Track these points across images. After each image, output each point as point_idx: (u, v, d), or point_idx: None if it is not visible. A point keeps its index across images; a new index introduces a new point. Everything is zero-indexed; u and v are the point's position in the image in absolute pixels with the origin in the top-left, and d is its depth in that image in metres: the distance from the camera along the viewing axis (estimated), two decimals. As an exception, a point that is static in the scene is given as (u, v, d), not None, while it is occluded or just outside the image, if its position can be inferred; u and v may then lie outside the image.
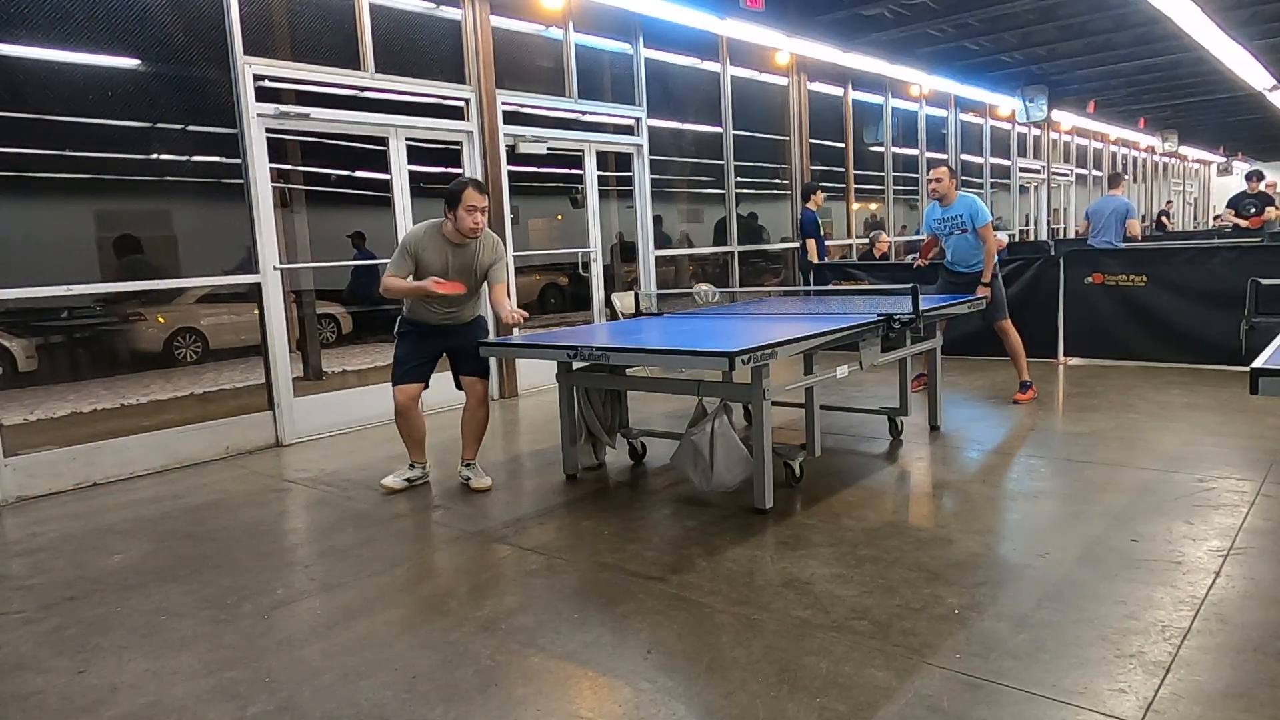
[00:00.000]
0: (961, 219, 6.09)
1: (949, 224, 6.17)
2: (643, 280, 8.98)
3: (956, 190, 6.16)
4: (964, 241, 6.13)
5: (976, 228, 6.03)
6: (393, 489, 4.67)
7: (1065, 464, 4.58)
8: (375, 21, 6.46)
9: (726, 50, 9.76)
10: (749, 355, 3.58)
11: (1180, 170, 30.32)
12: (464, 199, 4.33)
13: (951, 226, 6.15)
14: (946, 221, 6.18)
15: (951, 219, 6.14)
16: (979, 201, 6.18)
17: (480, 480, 4.70)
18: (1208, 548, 3.33)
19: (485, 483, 4.69)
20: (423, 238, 4.45)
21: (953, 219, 6.14)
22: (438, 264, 4.42)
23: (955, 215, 6.12)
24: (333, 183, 11.89)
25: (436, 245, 4.44)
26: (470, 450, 4.79)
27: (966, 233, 6.08)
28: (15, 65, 5.20)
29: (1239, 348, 5.85)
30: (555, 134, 7.85)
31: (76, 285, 5.38)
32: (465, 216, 4.37)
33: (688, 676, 2.54)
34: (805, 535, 3.67)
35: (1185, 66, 13.89)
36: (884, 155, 13.00)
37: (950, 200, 6.14)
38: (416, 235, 4.47)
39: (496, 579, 3.40)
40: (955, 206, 6.12)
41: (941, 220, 6.22)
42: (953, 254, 6.26)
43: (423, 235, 4.46)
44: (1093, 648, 2.58)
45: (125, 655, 2.88)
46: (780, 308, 5.74)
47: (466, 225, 4.37)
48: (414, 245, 4.43)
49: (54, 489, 4.99)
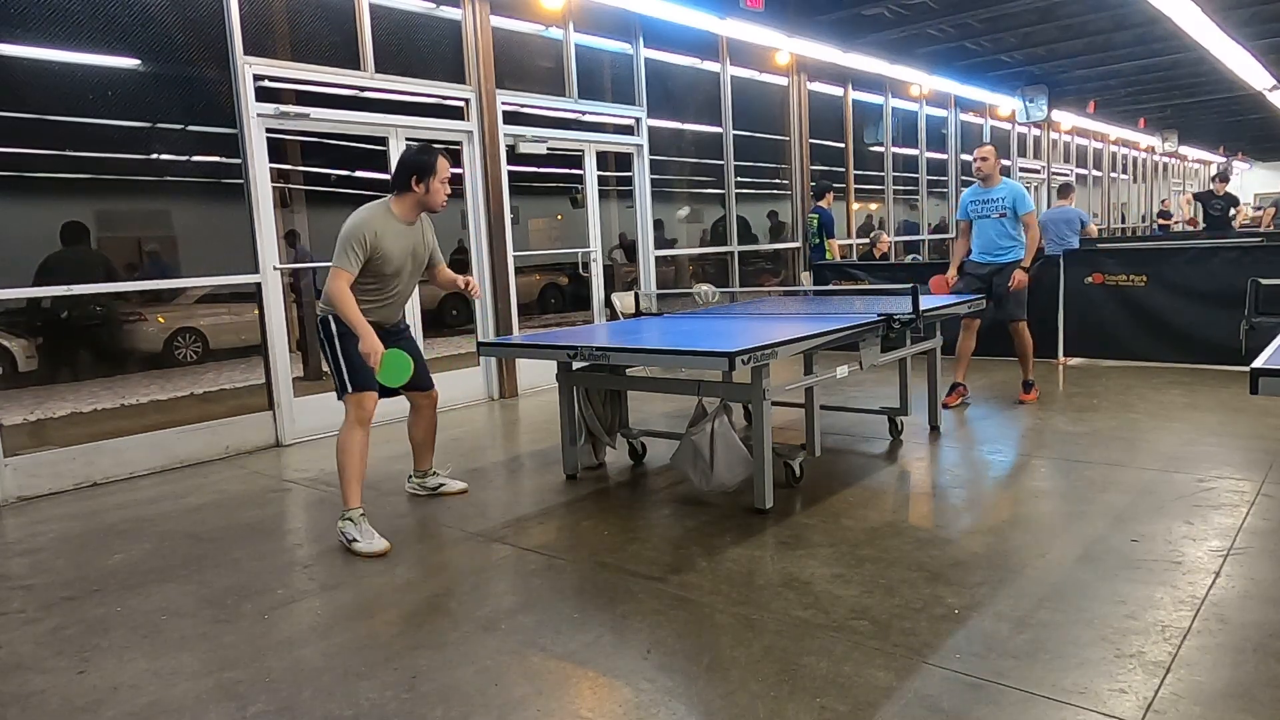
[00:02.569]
0: (1003, 202, 5.92)
1: (988, 206, 5.98)
2: (643, 280, 8.98)
3: (1000, 174, 6.04)
4: (997, 227, 5.95)
5: (1019, 214, 5.88)
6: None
7: (1065, 464, 4.58)
8: (375, 21, 6.46)
9: (726, 50, 9.76)
10: (749, 355, 3.58)
11: (1180, 170, 30.31)
12: (439, 169, 3.92)
13: (990, 209, 5.96)
14: (986, 204, 5.99)
15: (992, 201, 5.96)
16: (1024, 189, 6.04)
17: (456, 483, 4.63)
18: (1208, 548, 3.33)
19: (462, 484, 4.63)
20: (379, 222, 3.87)
21: (993, 201, 5.95)
22: (398, 251, 3.92)
23: (997, 198, 5.93)
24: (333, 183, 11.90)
25: (394, 229, 3.91)
26: (429, 459, 4.59)
27: (1004, 217, 5.91)
28: (15, 65, 5.20)
29: (1239, 348, 5.85)
30: (555, 134, 7.85)
31: (76, 285, 5.38)
32: (441, 189, 3.95)
33: (688, 676, 2.54)
34: (805, 535, 3.67)
35: (1185, 66, 13.89)
36: (884, 155, 13.00)
37: (994, 182, 5.99)
38: (371, 220, 3.85)
39: (496, 579, 3.40)
40: (999, 189, 5.96)
41: (981, 202, 6.02)
42: (981, 242, 6.07)
43: (378, 219, 3.88)
44: (1093, 648, 2.58)
45: (125, 655, 2.88)
46: (780, 308, 5.74)
47: (441, 199, 3.97)
48: (371, 233, 3.82)
49: (54, 489, 4.99)
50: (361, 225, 3.83)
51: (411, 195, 3.93)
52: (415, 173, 3.89)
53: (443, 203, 4.00)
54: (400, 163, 3.97)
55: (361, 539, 3.78)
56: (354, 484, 3.92)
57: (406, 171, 3.90)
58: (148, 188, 7.83)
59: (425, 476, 4.60)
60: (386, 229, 3.89)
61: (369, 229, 3.83)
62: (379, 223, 3.87)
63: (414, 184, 3.90)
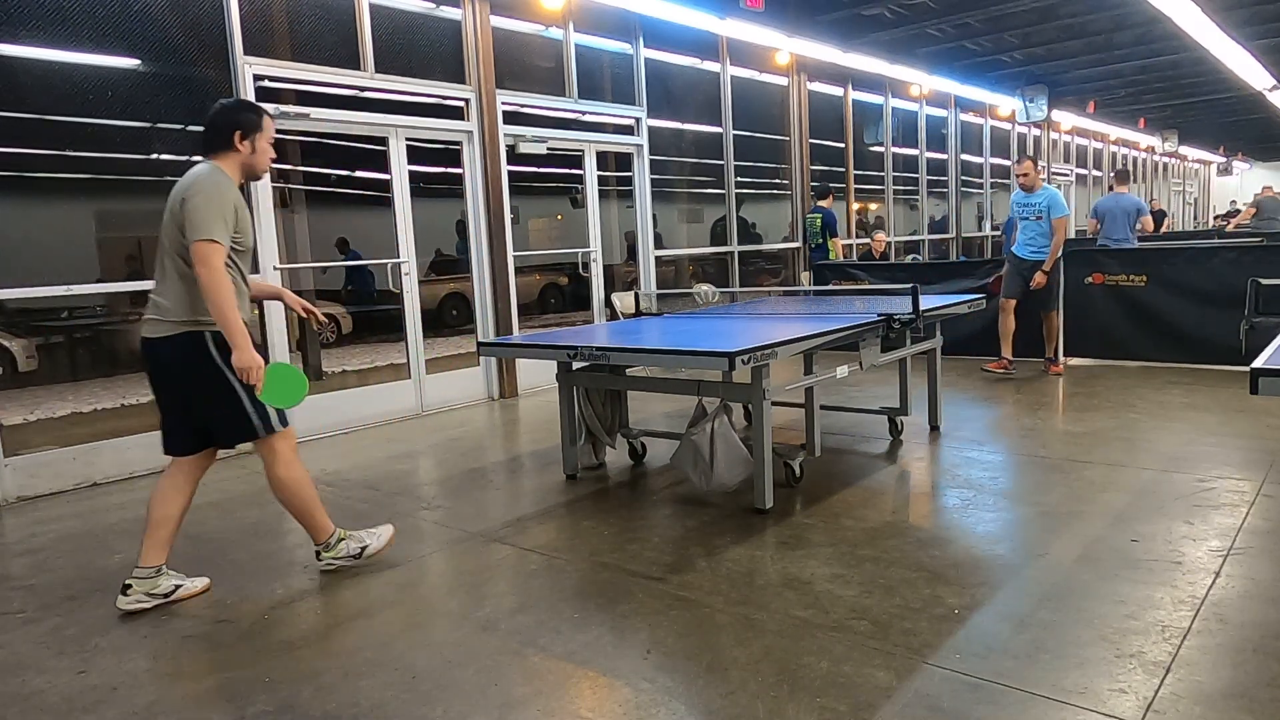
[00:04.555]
0: (1039, 206, 6.89)
1: (1027, 209, 6.97)
2: (643, 280, 8.98)
3: (1041, 181, 7.02)
4: (1035, 227, 6.92)
5: (1052, 218, 6.79)
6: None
7: (1065, 464, 4.58)
8: (375, 21, 6.46)
9: (726, 50, 9.77)
10: (749, 355, 3.58)
11: (1180, 170, 30.32)
12: (266, 128, 3.35)
13: (1029, 211, 6.96)
14: (1026, 206, 6.99)
15: (1030, 205, 6.95)
16: (1059, 196, 6.96)
17: (198, 580, 3.43)
18: (1208, 548, 3.33)
19: (205, 580, 3.45)
20: (232, 185, 3.20)
21: (1031, 205, 6.94)
22: (248, 224, 3.25)
23: (1035, 203, 6.92)
24: (332, 183, 11.90)
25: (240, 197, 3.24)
26: (168, 548, 3.34)
27: (1040, 219, 6.86)
28: (15, 65, 5.20)
29: (1239, 348, 5.86)
30: (555, 134, 7.85)
31: (76, 285, 5.38)
32: (268, 151, 3.37)
33: (688, 676, 2.54)
34: (805, 535, 3.67)
35: (1185, 66, 13.89)
36: (884, 155, 13.00)
37: (1035, 189, 6.96)
38: (225, 183, 3.16)
39: (496, 579, 3.40)
40: (1037, 195, 6.94)
41: (1022, 205, 7.05)
42: (1022, 240, 7.07)
43: (230, 182, 3.20)
44: (1093, 648, 2.58)
45: (125, 655, 2.88)
46: (780, 308, 5.74)
47: (266, 163, 3.38)
48: (235, 196, 3.17)
49: (54, 489, 4.99)
50: (222, 184, 3.13)
51: (235, 156, 3.26)
52: (240, 129, 3.25)
53: (267, 167, 3.40)
54: (220, 117, 3.27)
55: (369, 539, 3.54)
56: (320, 509, 3.44)
57: (230, 127, 3.24)
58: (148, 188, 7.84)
59: (156, 578, 3.28)
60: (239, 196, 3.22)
61: (231, 190, 3.15)
62: (232, 186, 3.19)
63: (238, 141, 3.25)
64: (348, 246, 10.44)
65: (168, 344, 3.15)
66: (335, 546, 3.50)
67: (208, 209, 3.03)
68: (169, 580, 3.30)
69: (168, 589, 3.29)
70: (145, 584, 3.25)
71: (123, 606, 3.22)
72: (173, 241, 3.12)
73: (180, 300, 3.13)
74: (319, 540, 3.48)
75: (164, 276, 3.17)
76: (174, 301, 3.13)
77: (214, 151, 3.25)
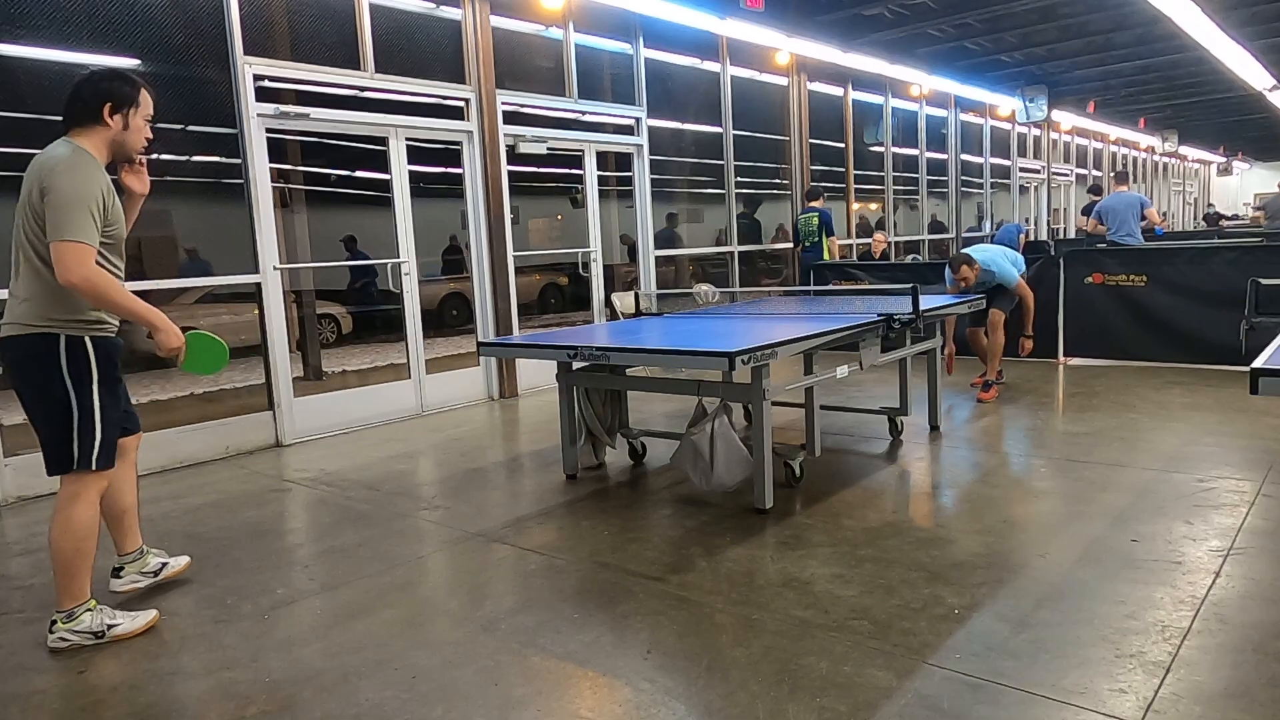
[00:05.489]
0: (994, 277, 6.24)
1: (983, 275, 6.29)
2: (643, 280, 8.99)
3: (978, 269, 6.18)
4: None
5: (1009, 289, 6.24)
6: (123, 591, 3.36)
7: (1065, 464, 4.58)
8: (375, 21, 6.46)
9: (726, 50, 9.77)
10: (749, 355, 3.58)
11: (1180, 170, 30.32)
12: (144, 101, 2.96)
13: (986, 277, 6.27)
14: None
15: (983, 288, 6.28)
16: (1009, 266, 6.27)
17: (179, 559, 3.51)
18: (1208, 548, 3.33)
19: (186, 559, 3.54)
20: (99, 168, 2.83)
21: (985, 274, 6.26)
22: (119, 211, 2.93)
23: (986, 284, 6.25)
24: (333, 183, 11.90)
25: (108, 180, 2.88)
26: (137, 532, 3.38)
27: None
28: (15, 65, 5.20)
29: (1239, 348, 5.85)
30: (555, 134, 7.85)
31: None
32: (143, 129, 2.97)
33: (688, 676, 2.54)
34: (805, 535, 3.67)
35: (1185, 66, 13.89)
36: (884, 155, 13.00)
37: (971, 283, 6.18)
38: (90, 165, 2.79)
39: (496, 579, 3.40)
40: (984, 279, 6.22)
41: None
42: None
43: (95, 163, 2.82)
44: (1093, 648, 2.58)
45: (125, 655, 2.88)
46: (780, 308, 5.74)
47: (141, 143, 2.99)
48: (102, 182, 2.80)
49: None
50: (87, 167, 2.76)
51: (103, 132, 2.86)
52: (111, 100, 2.85)
53: (140, 148, 3.01)
54: (86, 88, 2.86)
55: (121, 619, 3.01)
56: (88, 573, 2.95)
57: (98, 98, 2.84)
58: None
59: (143, 557, 3.39)
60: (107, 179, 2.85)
61: (99, 174, 2.79)
62: (100, 170, 2.82)
63: (107, 115, 2.85)
64: (355, 245, 10.42)
65: (13, 345, 2.80)
66: (80, 617, 2.93)
67: (73, 202, 2.65)
68: (155, 558, 3.44)
69: (155, 566, 3.42)
70: (135, 565, 3.39)
71: (117, 589, 3.35)
72: (28, 234, 2.77)
73: (34, 297, 2.77)
74: (64, 606, 2.91)
75: (17, 271, 2.81)
76: (27, 298, 2.78)
77: (77, 126, 2.84)
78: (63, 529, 2.89)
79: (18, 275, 2.83)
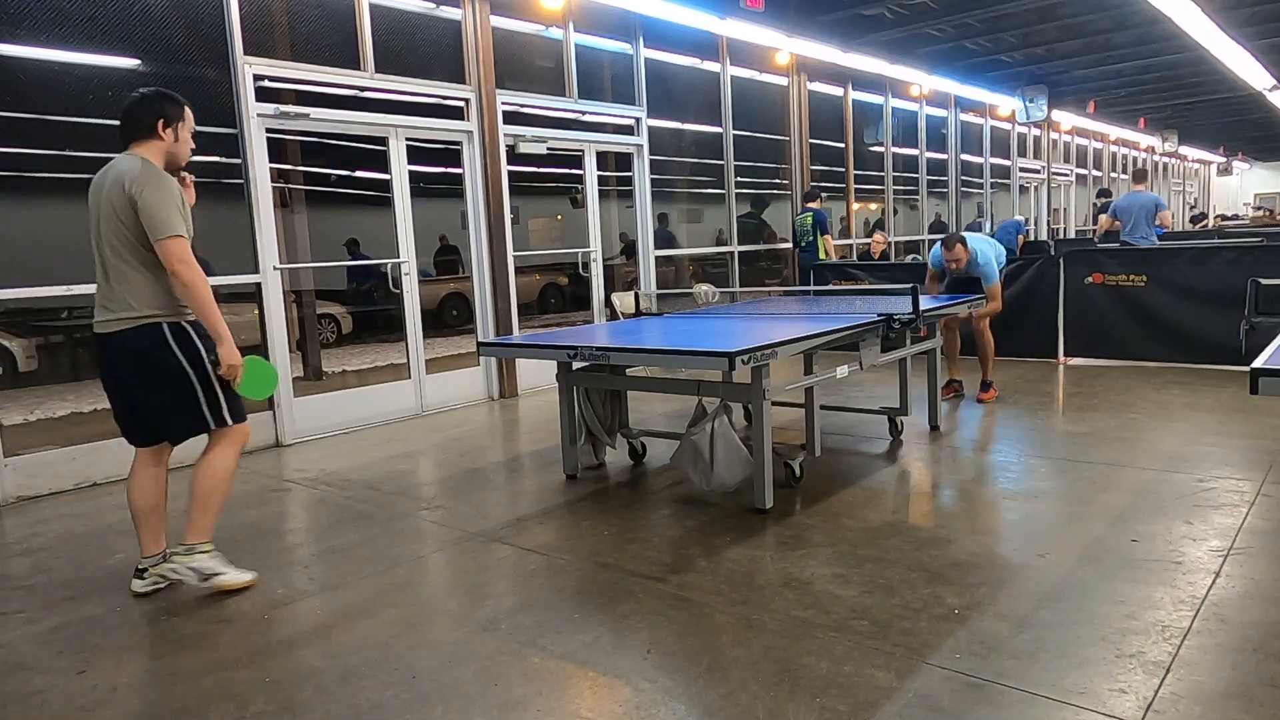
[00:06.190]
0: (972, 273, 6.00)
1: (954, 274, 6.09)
2: (643, 280, 8.99)
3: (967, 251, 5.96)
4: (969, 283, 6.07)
5: (985, 287, 5.95)
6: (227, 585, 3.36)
7: (1065, 464, 4.58)
8: (375, 21, 6.46)
9: (726, 50, 9.77)
10: (749, 355, 3.58)
11: (1180, 170, 30.32)
12: (188, 116, 3.27)
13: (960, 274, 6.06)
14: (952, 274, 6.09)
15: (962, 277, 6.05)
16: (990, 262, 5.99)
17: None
18: (1208, 548, 3.33)
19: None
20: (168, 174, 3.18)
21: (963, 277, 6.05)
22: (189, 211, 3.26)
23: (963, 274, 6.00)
24: (333, 183, 11.90)
25: None
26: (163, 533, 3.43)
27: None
28: (15, 65, 5.20)
29: (1239, 348, 5.85)
30: (555, 134, 7.85)
31: (76, 285, 5.37)
32: (189, 140, 3.28)
33: (688, 676, 2.54)
34: (805, 535, 3.67)
35: (1185, 66, 13.89)
36: (884, 155, 13.01)
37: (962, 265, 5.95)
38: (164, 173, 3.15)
39: (496, 579, 3.40)
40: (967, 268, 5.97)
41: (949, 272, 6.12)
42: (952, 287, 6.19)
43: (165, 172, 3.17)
44: (1093, 648, 2.58)
45: (125, 655, 2.88)
46: (780, 308, 5.74)
47: (188, 152, 3.29)
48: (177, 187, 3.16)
49: (54, 489, 4.99)
50: (164, 175, 3.11)
51: (159, 144, 3.20)
52: (163, 117, 3.18)
53: (187, 158, 3.31)
54: (140, 107, 3.17)
55: (226, 570, 3.32)
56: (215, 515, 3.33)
57: (152, 115, 3.17)
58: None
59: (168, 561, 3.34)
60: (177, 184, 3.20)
61: (173, 180, 3.14)
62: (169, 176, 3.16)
63: (161, 129, 3.18)
64: (358, 248, 10.42)
65: (125, 338, 3.14)
66: (198, 555, 3.27)
67: (164, 204, 3.03)
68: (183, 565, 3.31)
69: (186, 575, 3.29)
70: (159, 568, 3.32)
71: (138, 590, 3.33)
72: (122, 238, 3.09)
73: (138, 293, 3.12)
74: (188, 540, 3.28)
75: (116, 273, 3.13)
76: (131, 295, 3.12)
77: (136, 141, 3.18)
78: (206, 470, 3.27)
79: (108, 279, 3.16)
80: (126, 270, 3.12)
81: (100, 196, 3.13)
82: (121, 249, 3.11)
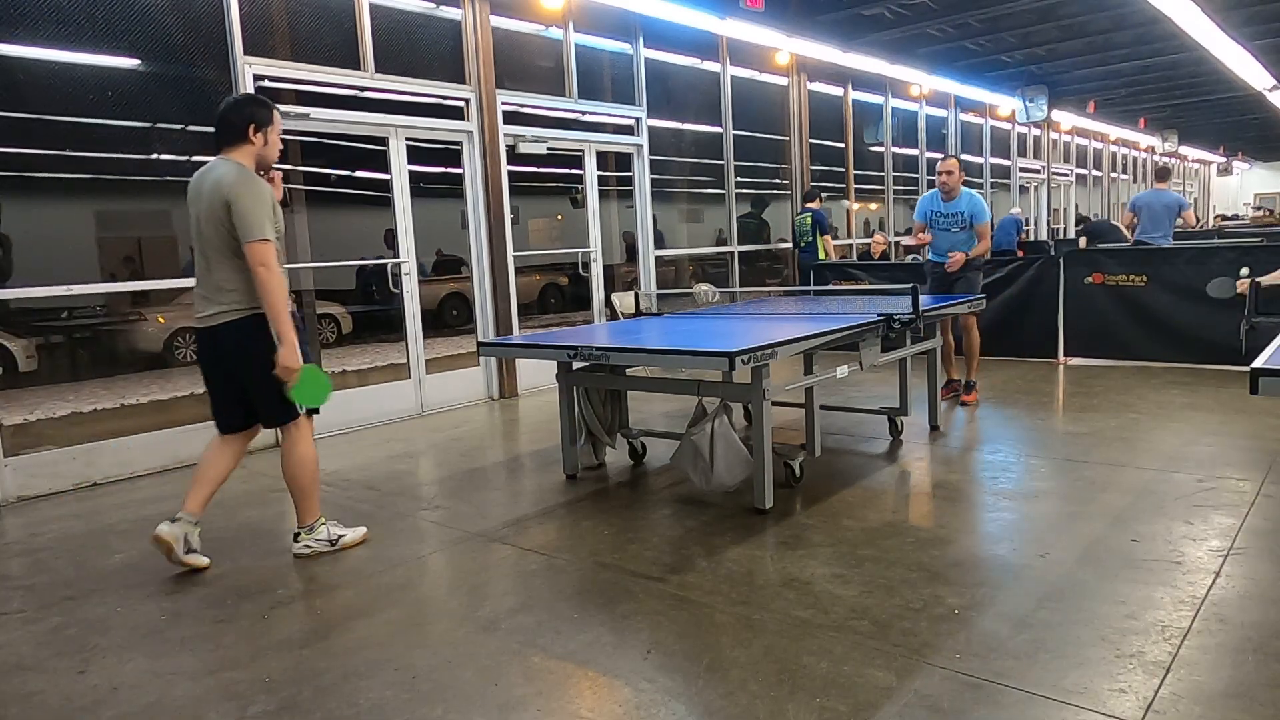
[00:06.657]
0: (962, 216, 6.02)
1: (948, 220, 6.06)
2: (643, 280, 8.99)
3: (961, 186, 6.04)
4: (959, 237, 6.03)
5: (976, 225, 5.97)
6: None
7: (1065, 464, 4.58)
8: (375, 21, 6.46)
9: (726, 50, 9.77)
10: (749, 355, 3.58)
11: (1180, 170, 30.31)
12: (276, 119, 3.48)
13: (950, 223, 6.06)
14: (947, 217, 6.07)
15: (951, 215, 6.04)
16: (981, 200, 6.08)
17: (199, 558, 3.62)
18: (1208, 548, 3.33)
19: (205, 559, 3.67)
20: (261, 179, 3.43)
21: (953, 215, 6.04)
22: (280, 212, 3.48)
23: (956, 211, 6.02)
24: (333, 183, 11.90)
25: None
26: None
27: (964, 229, 6.01)
28: (15, 65, 5.20)
29: (1239, 348, 5.84)
30: (555, 134, 7.85)
31: (76, 285, 5.38)
32: (277, 143, 3.49)
33: (688, 676, 2.54)
34: (805, 535, 3.67)
35: (1185, 66, 13.89)
36: (884, 155, 13.01)
37: (956, 194, 6.01)
38: (257, 177, 3.39)
39: (496, 579, 3.40)
40: (958, 203, 6.01)
41: (941, 214, 6.08)
42: (942, 246, 6.14)
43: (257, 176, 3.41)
44: (1093, 648, 2.58)
45: (125, 655, 2.88)
46: (780, 308, 5.74)
47: (276, 154, 3.51)
48: (269, 191, 3.39)
49: (54, 489, 4.99)
50: (257, 180, 3.32)
51: (250, 149, 3.41)
52: (254, 122, 3.40)
53: (276, 159, 3.53)
54: (233, 112, 3.42)
55: (345, 531, 3.79)
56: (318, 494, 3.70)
57: (244, 119, 3.39)
58: (148, 188, 7.84)
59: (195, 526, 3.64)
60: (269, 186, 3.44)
61: (265, 185, 3.35)
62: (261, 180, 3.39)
63: (252, 134, 3.40)
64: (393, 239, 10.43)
65: (231, 329, 3.39)
66: (318, 530, 3.70)
67: (257, 209, 3.26)
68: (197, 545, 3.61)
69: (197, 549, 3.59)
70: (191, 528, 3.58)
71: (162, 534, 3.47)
72: (222, 238, 3.32)
73: (238, 288, 3.37)
74: (305, 521, 3.68)
75: (219, 267, 3.36)
76: (235, 287, 3.36)
77: (229, 146, 3.40)
78: (298, 463, 3.57)
79: (211, 274, 3.39)
80: (229, 267, 3.35)
81: (200, 199, 3.36)
82: (223, 247, 3.34)
